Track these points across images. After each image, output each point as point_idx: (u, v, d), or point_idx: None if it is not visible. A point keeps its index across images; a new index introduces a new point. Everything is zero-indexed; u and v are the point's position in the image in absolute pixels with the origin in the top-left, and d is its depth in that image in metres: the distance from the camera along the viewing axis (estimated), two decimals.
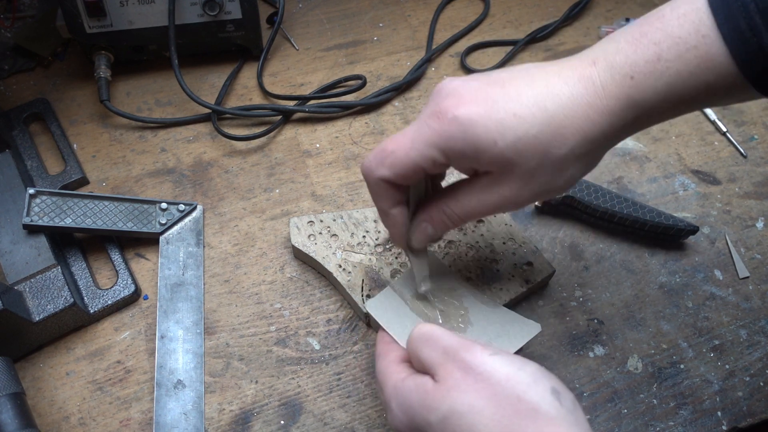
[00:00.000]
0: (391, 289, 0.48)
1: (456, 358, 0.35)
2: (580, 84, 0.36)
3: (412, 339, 0.39)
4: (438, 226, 0.42)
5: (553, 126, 0.36)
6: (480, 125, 0.36)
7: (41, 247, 0.53)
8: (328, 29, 0.73)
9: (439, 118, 0.37)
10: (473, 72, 0.69)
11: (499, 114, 0.36)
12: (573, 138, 0.36)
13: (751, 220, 0.60)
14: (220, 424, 0.49)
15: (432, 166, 0.38)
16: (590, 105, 0.36)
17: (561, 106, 0.36)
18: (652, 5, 0.75)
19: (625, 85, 0.36)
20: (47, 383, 0.50)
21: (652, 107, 0.36)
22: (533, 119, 0.36)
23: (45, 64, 0.68)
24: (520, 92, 0.37)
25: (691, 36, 0.34)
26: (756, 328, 0.54)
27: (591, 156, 0.38)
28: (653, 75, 0.35)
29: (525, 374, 0.34)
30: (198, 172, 0.62)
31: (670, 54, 0.35)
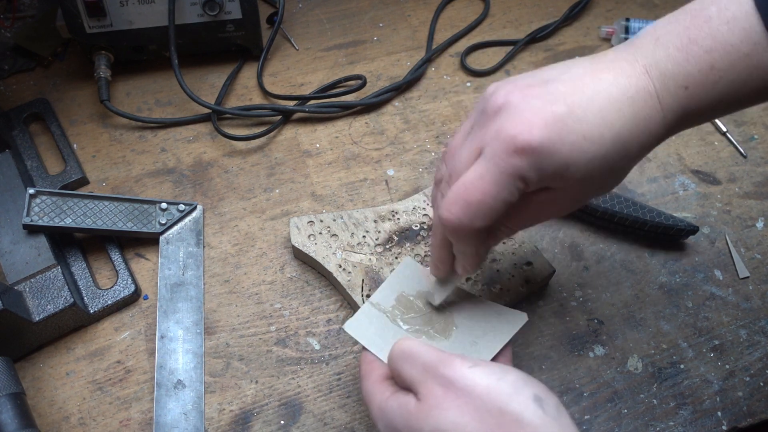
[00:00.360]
0: (370, 305, 0.46)
1: (436, 374, 0.35)
2: (639, 96, 0.36)
3: (392, 357, 0.38)
4: (491, 244, 0.42)
5: (619, 144, 0.35)
6: (554, 153, 0.34)
7: (41, 247, 0.53)
8: (328, 29, 0.73)
9: (505, 144, 0.35)
10: (473, 72, 0.69)
11: (570, 137, 0.35)
12: (636, 153, 0.37)
13: (751, 220, 0.60)
14: (220, 424, 0.49)
15: (516, 196, 0.36)
16: (650, 119, 0.36)
17: (625, 122, 0.35)
18: (652, 5, 0.75)
19: (680, 96, 0.35)
20: (47, 383, 0.50)
21: (701, 116, 0.37)
22: (602, 140, 0.35)
23: (45, 64, 0.68)
24: (584, 108, 0.35)
25: (743, 44, 0.34)
26: (756, 328, 0.54)
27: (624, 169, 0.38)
28: (707, 85, 0.35)
29: (506, 384, 0.34)
30: (198, 172, 0.62)
31: (723, 63, 0.34)
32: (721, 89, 0.35)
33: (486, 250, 0.41)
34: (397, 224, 0.55)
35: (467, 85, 0.69)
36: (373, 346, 0.43)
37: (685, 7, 0.37)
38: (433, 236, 0.42)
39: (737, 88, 0.35)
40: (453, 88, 0.68)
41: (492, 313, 0.46)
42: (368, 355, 0.43)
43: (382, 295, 0.47)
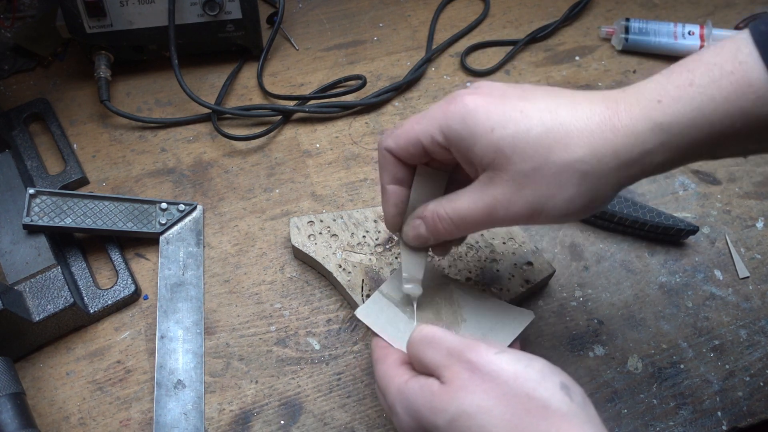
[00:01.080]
0: (380, 294, 0.47)
1: (461, 359, 0.35)
2: (602, 103, 0.35)
3: (412, 342, 0.38)
4: (430, 226, 0.41)
5: (559, 132, 0.35)
6: (482, 112, 0.36)
7: (41, 247, 0.53)
8: (328, 29, 0.73)
9: (449, 101, 0.38)
10: (473, 72, 0.69)
11: (506, 107, 0.36)
12: (578, 148, 0.34)
13: (751, 220, 0.60)
14: (220, 424, 0.49)
15: (430, 143, 0.38)
16: (606, 122, 0.35)
17: (574, 117, 0.35)
18: (652, 5, 0.76)
19: (650, 108, 0.34)
20: (47, 383, 0.50)
21: (680, 133, 0.34)
22: (539, 120, 0.35)
23: (45, 64, 0.68)
24: (537, 97, 0.36)
25: (728, 62, 0.33)
26: (756, 328, 0.54)
27: (598, 179, 0.35)
28: (683, 99, 0.34)
29: (533, 371, 0.33)
30: (198, 172, 0.62)
31: (703, 79, 0.34)
32: (699, 105, 0.33)
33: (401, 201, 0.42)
34: None
35: (467, 85, 0.69)
36: (384, 332, 0.44)
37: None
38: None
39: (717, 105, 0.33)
40: (453, 88, 0.68)
41: (499, 310, 0.46)
42: (380, 340, 0.43)
43: (391, 286, 0.47)
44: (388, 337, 0.43)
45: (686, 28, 0.70)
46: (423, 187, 0.42)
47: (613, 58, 0.71)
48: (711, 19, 0.73)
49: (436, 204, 0.40)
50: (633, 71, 0.70)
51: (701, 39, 0.69)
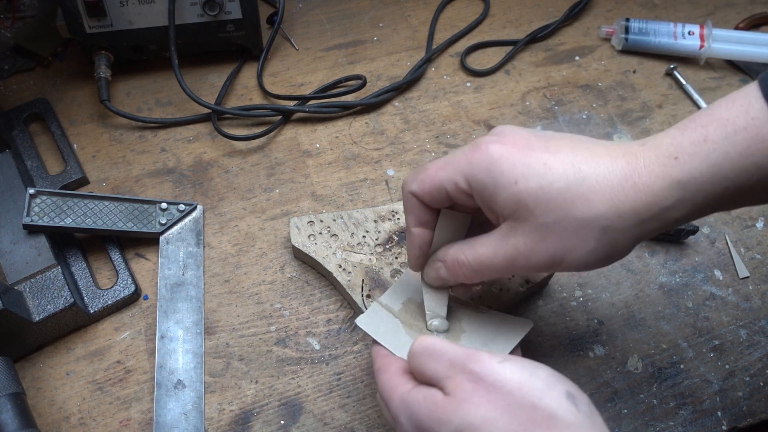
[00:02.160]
0: (378, 305, 0.47)
1: (464, 370, 0.34)
2: (623, 159, 0.36)
3: (413, 353, 0.38)
4: (450, 269, 0.41)
5: (581, 187, 0.35)
6: (507, 163, 0.36)
7: (41, 247, 0.53)
8: (328, 29, 0.73)
9: (474, 149, 0.38)
10: (473, 72, 0.69)
11: (530, 159, 0.36)
12: (600, 204, 0.35)
13: (751, 220, 0.60)
14: (220, 424, 0.49)
15: (454, 190, 0.39)
16: (627, 178, 0.35)
17: (596, 172, 0.36)
18: (652, 5, 0.76)
19: (668, 165, 0.35)
20: (47, 383, 0.50)
21: (698, 189, 0.35)
22: (562, 174, 0.35)
23: (45, 64, 0.68)
24: (561, 149, 0.37)
25: (740, 118, 0.34)
26: (756, 328, 0.54)
27: (618, 234, 0.36)
28: (698, 156, 0.35)
29: (538, 380, 0.33)
30: (198, 172, 0.62)
31: (717, 135, 0.34)
32: (715, 161, 0.34)
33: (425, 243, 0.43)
34: (397, 224, 0.55)
35: (467, 85, 0.69)
36: (386, 341, 0.43)
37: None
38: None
39: (733, 162, 0.34)
40: (453, 88, 0.68)
41: (497, 320, 0.46)
42: (381, 348, 0.43)
43: (389, 298, 0.47)
44: (389, 345, 0.43)
45: (686, 28, 0.70)
46: (446, 229, 0.43)
47: (613, 58, 0.71)
48: (711, 19, 0.73)
49: (457, 249, 0.41)
50: (633, 71, 0.70)
51: (701, 39, 0.69)
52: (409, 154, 0.63)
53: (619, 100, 0.68)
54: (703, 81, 0.69)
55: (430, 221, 0.42)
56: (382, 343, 0.43)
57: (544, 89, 0.68)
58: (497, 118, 0.66)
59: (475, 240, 0.40)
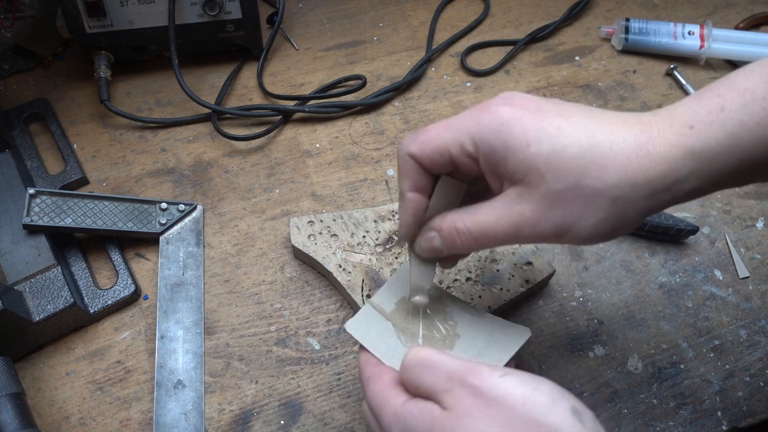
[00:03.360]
0: (370, 306, 0.44)
1: (464, 383, 0.33)
2: (636, 127, 0.35)
3: (407, 366, 0.36)
4: (446, 239, 0.39)
5: (595, 153, 0.34)
6: (518, 125, 0.34)
7: (41, 247, 0.53)
8: (328, 29, 0.73)
9: (483, 110, 0.36)
10: (473, 72, 0.69)
11: (542, 122, 0.34)
12: (613, 173, 0.34)
13: (751, 220, 0.60)
14: (220, 424, 0.49)
15: (459, 152, 0.36)
16: (641, 147, 0.34)
17: (610, 139, 0.34)
18: (652, 5, 0.76)
19: (683, 134, 0.34)
20: (47, 383, 0.50)
21: (712, 159, 0.33)
22: (576, 139, 0.34)
23: (45, 64, 0.68)
24: (573, 114, 0.35)
25: (759, 87, 0.33)
26: (756, 328, 0.54)
27: (628, 205, 0.34)
28: (715, 125, 0.33)
29: (541, 395, 0.31)
30: (198, 172, 0.62)
31: (735, 104, 0.33)
32: (731, 131, 0.33)
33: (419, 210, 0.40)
34: (397, 224, 0.55)
35: (467, 85, 0.69)
36: (376, 349, 0.41)
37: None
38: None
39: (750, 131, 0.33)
40: (453, 88, 0.68)
41: (495, 326, 0.44)
42: (370, 357, 0.40)
43: (382, 298, 0.45)
44: (379, 353, 0.41)
45: (686, 28, 0.70)
46: (443, 197, 0.40)
47: (613, 58, 0.71)
48: (711, 19, 0.73)
49: (455, 216, 0.38)
50: (633, 71, 0.70)
51: (701, 39, 0.69)
52: None
53: (619, 100, 0.68)
54: (703, 81, 0.69)
55: (427, 187, 0.39)
56: (372, 350, 0.41)
57: (544, 89, 0.68)
58: None
59: (476, 207, 0.37)
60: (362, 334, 0.42)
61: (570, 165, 0.34)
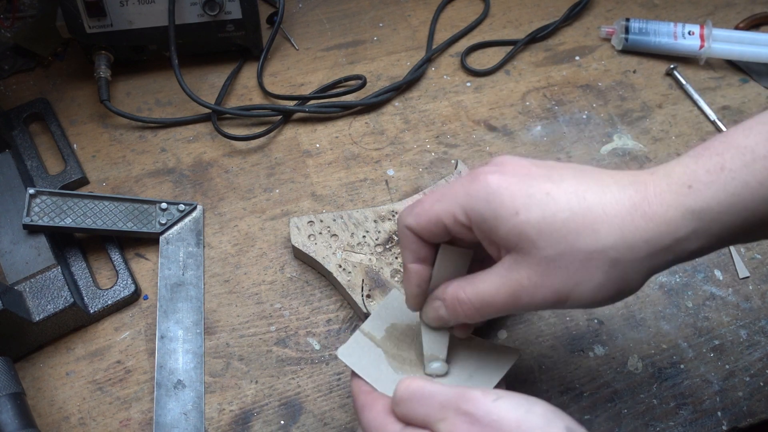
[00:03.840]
0: (361, 333, 0.44)
1: (458, 411, 0.33)
2: (631, 187, 0.34)
3: (399, 399, 0.35)
4: (450, 308, 0.38)
5: (587, 218, 0.33)
6: (507, 194, 0.34)
7: (41, 247, 0.53)
8: (328, 29, 0.73)
9: (473, 180, 0.36)
10: (473, 72, 0.69)
11: (531, 189, 0.34)
12: (608, 235, 0.33)
13: None
14: (220, 424, 0.49)
15: (453, 223, 0.36)
16: (636, 207, 0.33)
17: (602, 201, 0.33)
18: (652, 5, 0.76)
19: (682, 194, 0.33)
20: (47, 383, 0.50)
21: (714, 219, 0.33)
22: (566, 203, 0.34)
23: (45, 64, 0.68)
24: (564, 177, 0.35)
25: (759, 145, 0.32)
26: (756, 328, 0.54)
27: (628, 267, 0.34)
28: (715, 184, 0.33)
29: (535, 416, 0.31)
30: (198, 172, 0.62)
31: (735, 163, 0.33)
32: (734, 191, 0.32)
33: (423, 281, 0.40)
34: (396, 224, 0.55)
35: (467, 85, 0.69)
36: (368, 375, 0.41)
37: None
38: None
39: (753, 191, 0.32)
40: (453, 88, 0.68)
41: (484, 349, 0.44)
42: (362, 384, 0.40)
43: (372, 325, 0.45)
44: (372, 380, 0.40)
45: (686, 28, 0.70)
46: (446, 266, 0.40)
47: (613, 58, 0.71)
48: (711, 19, 0.73)
49: (456, 286, 0.38)
50: (633, 71, 0.70)
51: (701, 39, 0.69)
52: (409, 154, 0.63)
53: (619, 100, 0.68)
54: (703, 81, 0.69)
55: (429, 257, 0.40)
56: (365, 378, 0.41)
57: (544, 89, 0.68)
58: (497, 118, 0.66)
59: (476, 276, 0.37)
60: (354, 360, 0.42)
61: (561, 230, 0.33)
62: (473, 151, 0.63)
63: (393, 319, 0.45)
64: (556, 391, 0.51)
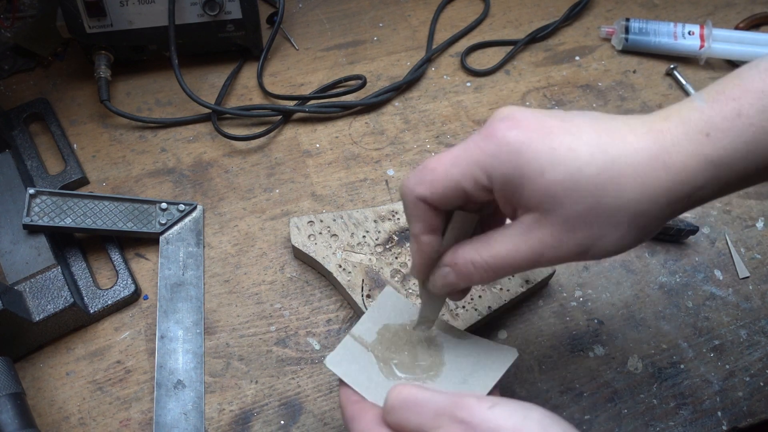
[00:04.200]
0: (351, 338, 0.42)
1: (454, 419, 0.32)
2: (648, 136, 0.33)
3: (391, 408, 0.34)
4: (461, 273, 0.37)
5: (612, 172, 0.32)
6: (530, 150, 0.33)
7: (41, 247, 0.53)
8: (328, 29, 0.73)
9: (489, 138, 0.34)
10: (473, 72, 0.69)
11: (553, 143, 0.33)
12: (632, 190, 0.33)
13: (751, 220, 0.60)
14: (220, 424, 0.49)
15: (474, 187, 0.35)
16: (657, 158, 0.33)
17: (624, 153, 0.33)
18: (652, 5, 0.76)
19: (700, 143, 0.33)
20: (47, 383, 0.50)
21: (731, 167, 0.33)
22: (590, 158, 0.33)
23: (45, 64, 0.68)
24: (581, 129, 0.34)
25: None
26: (756, 328, 0.54)
27: (648, 218, 0.34)
28: (732, 132, 0.32)
29: (533, 423, 0.31)
30: (198, 172, 0.62)
31: (752, 109, 0.32)
32: (750, 138, 0.32)
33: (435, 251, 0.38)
34: (397, 224, 0.55)
35: (467, 85, 0.69)
36: (357, 384, 0.39)
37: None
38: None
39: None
40: (453, 88, 0.68)
41: (481, 349, 0.42)
42: (351, 393, 0.39)
43: (363, 328, 0.43)
44: (361, 389, 0.39)
45: (686, 28, 0.70)
46: (457, 231, 0.38)
47: (613, 58, 0.71)
48: (711, 19, 0.73)
49: (469, 250, 0.36)
50: (633, 71, 0.70)
51: (701, 39, 0.69)
52: (409, 154, 0.63)
53: (619, 100, 0.68)
54: (703, 81, 0.69)
55: (440, 225, 0.38)
56: (353, 386, 0.39)
57: (544, 89, 0.68)
58: None
59: (490, 237, 0.36)
60: (343, 369, 0.41)
61: (588, 187, 0.33)
62: None
63: (386, 320, 0.44)
64: (556, 391, 0.51)
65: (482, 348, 0.42)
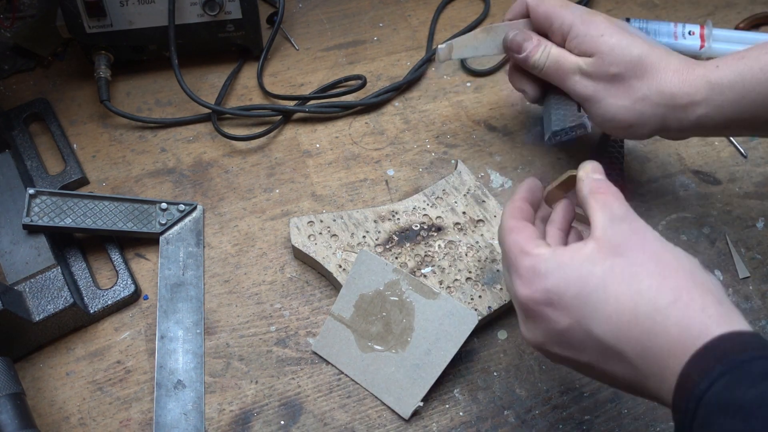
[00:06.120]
0: (331, 319, 0.47)
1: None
2: (680, 57, 0.49)
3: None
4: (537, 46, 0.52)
5: (647, 59, 0.48)
6: (598, 19, 0.50)
7: (41, 247, 0.53)
8: (328, 29, 0.73)
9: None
10: (473, 72, 0.69)
11: (613, 22, 0.50)
12: (650, 78, 0.48)
13: (751, 220, 0.60)
14: (220, 424, 0.49)
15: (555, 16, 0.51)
16: (679, 70, 0.47)
17: (664, 58, 0.48)
18: (652, 5, 0.76)
19: (709, 69, 0.46)
20: (47, 383, 0.50)
21: (722, 93, 0.45)
22: (640, 43, 0.48)
23: (45, 64, 0.68)
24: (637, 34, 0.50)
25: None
26: (756, 328, 0.54)
27: (649, 107, 0.47)
28: (731, 66, 0.46)
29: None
30: (198, 172, 0.62)
31: (752, 54, 0.46)
32: (741, 70, 0.45)
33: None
34: (397, 224, 0.55)
35: (467, 85, 0.69)
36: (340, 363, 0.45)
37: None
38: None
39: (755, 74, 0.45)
40: (453, 88, 0.68)
41: (446, 312, 0.49)
42: (516, 210, 0.43)
43: (341, 304, 0.47)
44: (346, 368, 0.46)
45: (686, 28, 0.70)
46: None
47: None
48: (711, 19, 0.73)
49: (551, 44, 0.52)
50: None
51: (701, 39, 0.69)
52: (409, 154, 0.63)
53: None
54: None
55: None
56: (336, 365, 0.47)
57: None
58: (497, 118, 0.66)
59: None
60: (328, 351, 0.48)
61: (631, 60, 0.47)
62: (473, 151, 0.63)
63: (361, 290, 0.49)
64: (556, 391, 0.51)
65: (447, 311, 0.49)
